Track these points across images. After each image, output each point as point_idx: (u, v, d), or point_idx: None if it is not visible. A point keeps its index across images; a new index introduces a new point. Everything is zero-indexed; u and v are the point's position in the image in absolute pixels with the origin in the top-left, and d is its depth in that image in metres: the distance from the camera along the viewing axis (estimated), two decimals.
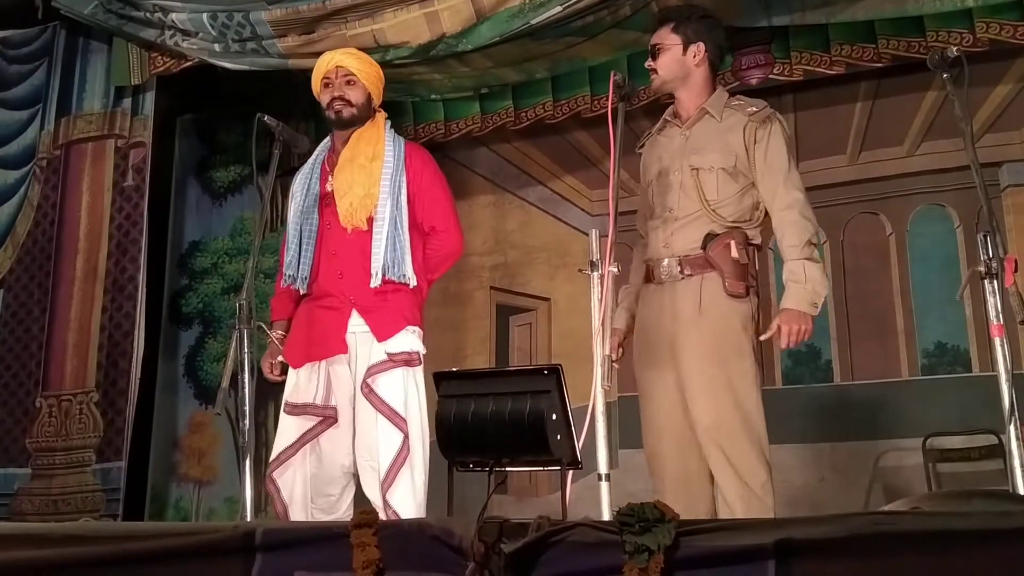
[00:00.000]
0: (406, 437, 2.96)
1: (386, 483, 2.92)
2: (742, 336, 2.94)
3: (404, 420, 2.98)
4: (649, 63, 3.12)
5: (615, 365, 2.89)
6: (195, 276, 5.36)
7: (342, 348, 3.07)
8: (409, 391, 3.04)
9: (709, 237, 2.98)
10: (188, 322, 5.31)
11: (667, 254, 3.03)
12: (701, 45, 3.09)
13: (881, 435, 4.27)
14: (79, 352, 4.88)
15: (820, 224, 4.49)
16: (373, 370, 3.02)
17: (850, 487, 4.24)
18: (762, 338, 2.93)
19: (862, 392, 4.38)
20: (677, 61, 3.08)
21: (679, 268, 2.99)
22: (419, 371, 3.09)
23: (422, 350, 3.13)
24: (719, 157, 3.01)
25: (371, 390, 3.00)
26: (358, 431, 3.04)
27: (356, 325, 3.08)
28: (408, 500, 2.93)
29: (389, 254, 3.07)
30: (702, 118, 3.09)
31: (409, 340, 3.08)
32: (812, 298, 2.89)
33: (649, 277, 3.10)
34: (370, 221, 3.11)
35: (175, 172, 5.47)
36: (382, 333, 3.05)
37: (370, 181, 3.12)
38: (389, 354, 3.03)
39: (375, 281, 3.05)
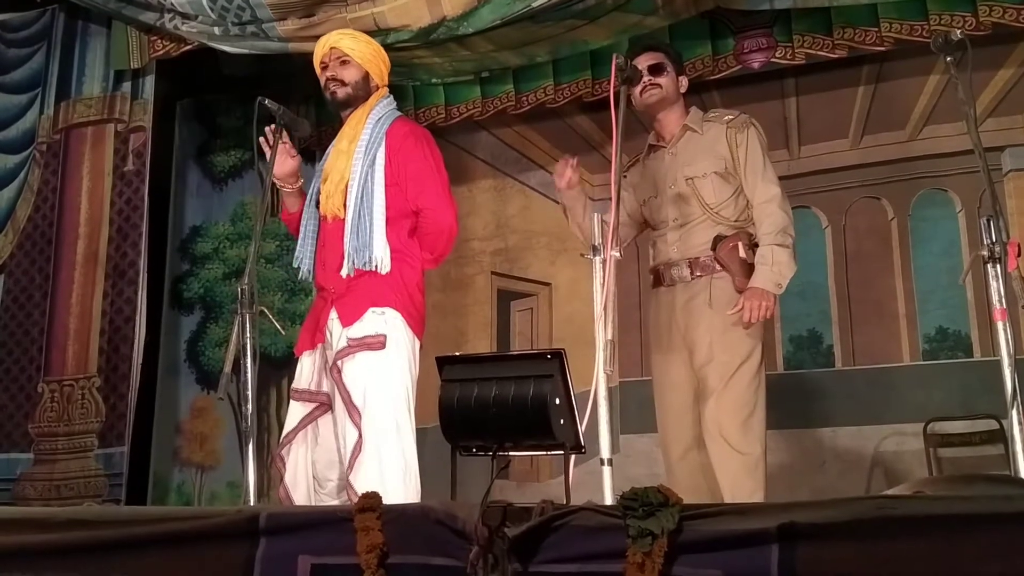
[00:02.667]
0: (360, 431, 2.88)
1: (348, 469, 2.90)
2: (751, 328, 3.12)
3: (359, 413, 2.90)
4: (652, 79, 3.24)
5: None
6: (196, 261, 5.36)
7: (322, 338, 3.07)
8: (371, 377, 2.94)
9: (718, 239, 3.18)
10: (189, 307, 5.31)
11: (677, 257, 3.23)
12: (684, 78, 3.42)
13: (882, 420, 4.29)
14: (80, 337, 4.88)
15: (823, 208, 4.59)
16: (338, 355, 2.98)
17: (851, 472, 4.26)
18: (729, 313, 3.10)
19: (863, 377, 4.39)
20: (674, 83, 3.34)
21: (689, 270, 3.20)
22: (385, 354, 2.95)
23: (393, 332, 2.98)
24: (710, 163, 3.24)
25: (339, 375, 2.97)
26: (336, 416, 3.03)
27: (334, 313, 3.06)
28: (373, 484, 2.70)
29: (353, 241, 3.00)
30: (685, 134, 3.33)
31: (374, 323, 2.98)
32: (776, 279, 3.10)
33: (658, 281, 3.30)
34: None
35: (175, 156, 5.46)
36: (346, 319, 3.00)
37: (346, 165, 3.07)
38: (350, 339, 2.97)
39: (344, 269, 3.01)
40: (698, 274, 3.18)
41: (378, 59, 3.24)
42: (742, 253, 3.15)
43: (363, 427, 2.89)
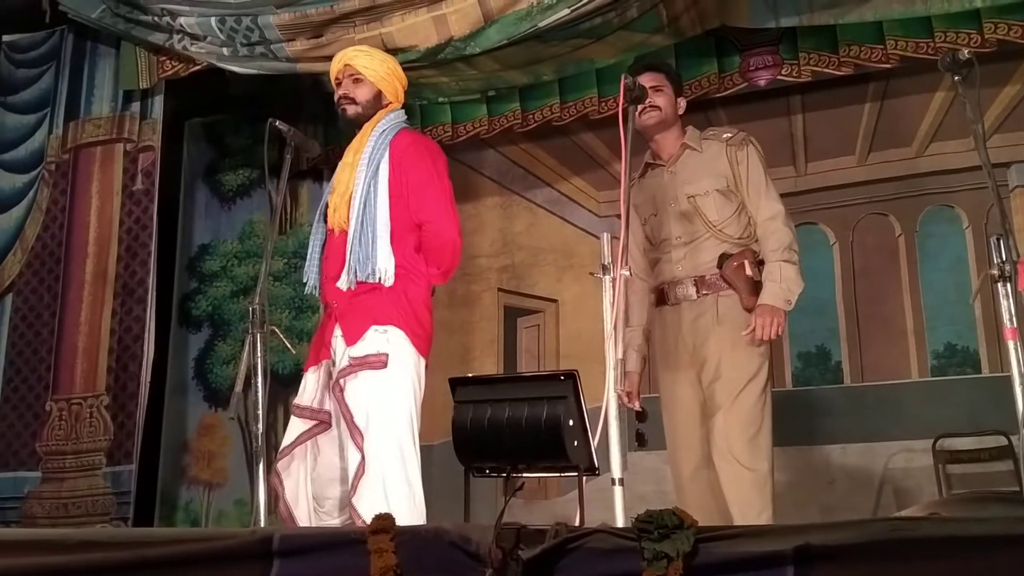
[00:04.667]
0: (363, 454, 2.85)
1: (351, 492, 2.86)
2: (757, 346, 3.13)
3: (361, 435, 2.86)
4: (651, 100, 3.20)
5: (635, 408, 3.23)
6: (204, 279, 5.37)
7: (327, 354, 3.04)
8: (372, 397, 2.89)
9: (723, 257, 3.18)
10: (198, 325, 5.32)
11: (683, 275, 3.23)
12: (683, 100, 3.41)
13: (891, 437, 4.27)
14: (89, 355, 4.89)
15: (830, 224, 4.60)
16: (340, 374, 2.94)
17: (860, 489, 4.24)
18: (744, 334, 3.10)
19: (872, 393, 4.38)
20: (672, 105, 3.34)
21: (695, 288, 3.20)
22: (387, 373, 2.91)
23: (396, 351, 2.93)
24: (711, 181, 3.25)
25: (341, 395, 2.93)
26: (340, 435, 2.99)
27: (338, 330, 3.02)
28: (378, 506, 2.72)
29: (355, 252, 2.96)
30: (683, 153, 3.33)
31: (375, 342, 2.93)
32: (786, 295, 3.11)
33: (663, 299, 3.29)
34: None
35: (184, 175, 5.48)
36: (348, 337, 2.96)
37: (351, 177, 3.06)
38: (352, 358, 2.93)
39: (343, 282, 2.97)
40: (704, 292, 3.19)
41: (393, 78, 3.22)
42: (748, 271, 3.16)
43: (366, 449, 2.85)
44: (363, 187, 3.02)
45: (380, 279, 2.96)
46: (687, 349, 3.20)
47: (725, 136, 3.32)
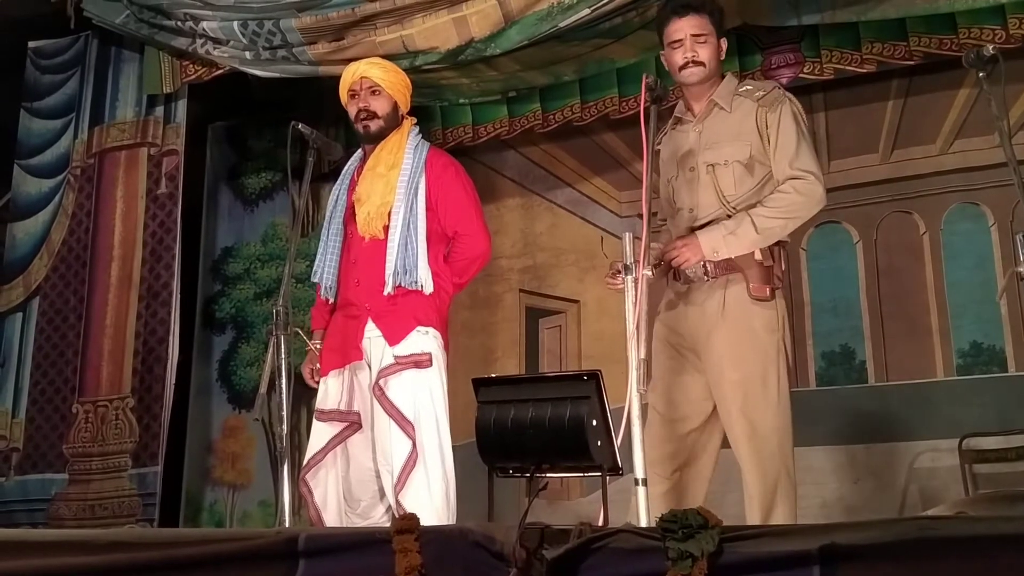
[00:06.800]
0: (414, 443, 2.96)
1: (398, 485, 2.94)
2: (766, 340, 2.90)
3: (412, 425, 2.98)
4: (693, 54, 2.96)
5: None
6: (228, 282, 5.40)
7: (358, 355, 3.11)
8: (419, 393, 3.02)
9: None
10: (221, 327, 5.35)
11: None
12: (724, 40, 3.07)
13: (916, 436, 4.24)
14: (115, 358, 4.93)
15: (853, 223, 4.57)
16: (383, 373, 3.04)
17: (885, 489, 4.21)
18: (670, 255, 2.94)
19: (897, 393, 4.35)
20: (716, 56, 3.01)
21: (703, 270, 2.94)
22: (431, 372, 3.06)
23: (435, 351, 3.09)
24: (734, 150, 2.94)
25: (382, 393, 3.02)
26: (375, 435, 3.07)
27: (371, 331, 3.11)
28: (423, 501, 2.91)
29: (400, 261, 3.08)
30: (712, 111, 3.02)
31: (420, 342, 3.07)
32: (719, 247, 2.88)
33: (675, 275, 3.03)
34: (387, 229, 3.13)
35: (207, 179, 5.51)
36: (392, 337, 3.07)
37: (387, 189, 3.15)
38: (397, 357, 3.04)
39: (387, 288, 3.07)
40: (713, 275, 2.92)
41: (404, 88, 3.32)
42: (757, 255, 2.91)
43: (418, 442, 2.96)
44: (407, 202, 3.13)
45: (421, 287, 3.09)
46: (692, 336, 2.98)
47: (758, 95, 2.97)
